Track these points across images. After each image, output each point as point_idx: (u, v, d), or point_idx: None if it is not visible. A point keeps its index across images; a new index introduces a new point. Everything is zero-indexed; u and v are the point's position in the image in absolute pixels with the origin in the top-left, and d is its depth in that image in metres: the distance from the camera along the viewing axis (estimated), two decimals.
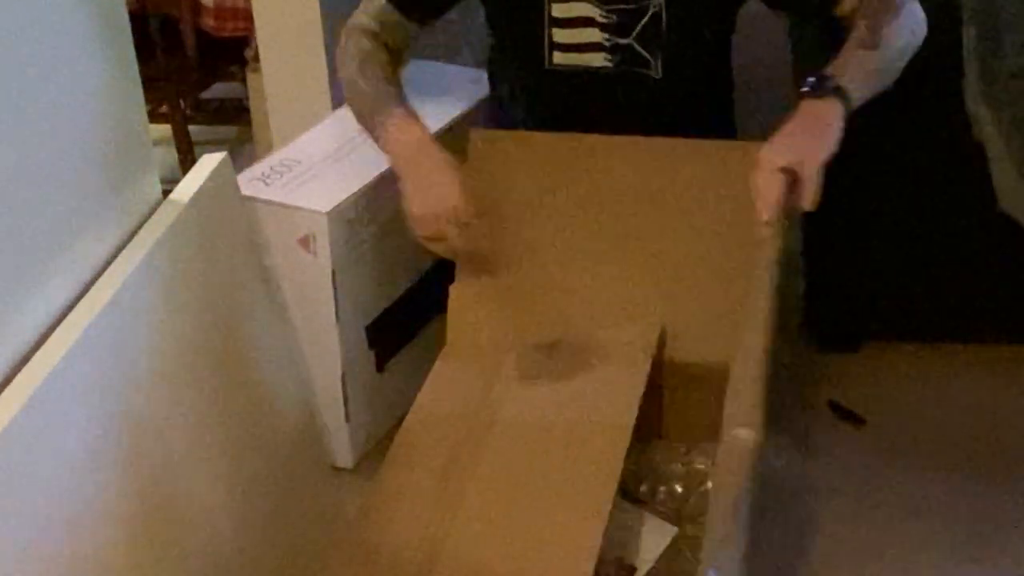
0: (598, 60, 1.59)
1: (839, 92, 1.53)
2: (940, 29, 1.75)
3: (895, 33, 1.53)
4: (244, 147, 3.09)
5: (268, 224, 1.68)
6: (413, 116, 1.57)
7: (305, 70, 2.30)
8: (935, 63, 1.79)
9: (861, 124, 1.94)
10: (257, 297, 1.61)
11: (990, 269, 1.98)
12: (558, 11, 1.56)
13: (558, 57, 1.60)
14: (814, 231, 2.10)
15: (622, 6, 1.52)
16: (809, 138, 1.50)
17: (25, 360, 1.21)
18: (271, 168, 1.78)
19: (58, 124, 1.29)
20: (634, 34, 1.54)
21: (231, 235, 1.58)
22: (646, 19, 1.52)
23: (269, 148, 2.30)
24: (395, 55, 1.62)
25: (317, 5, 2.31)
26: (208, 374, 1.43)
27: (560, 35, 1.58)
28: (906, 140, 1.91)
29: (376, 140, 1.58)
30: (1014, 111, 1.69)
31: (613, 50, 1.56)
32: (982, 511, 1.69)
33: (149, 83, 1.53)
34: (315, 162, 1.79)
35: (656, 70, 1.57)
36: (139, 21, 2.48)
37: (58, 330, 1.25)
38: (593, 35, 1.56)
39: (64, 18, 1.30)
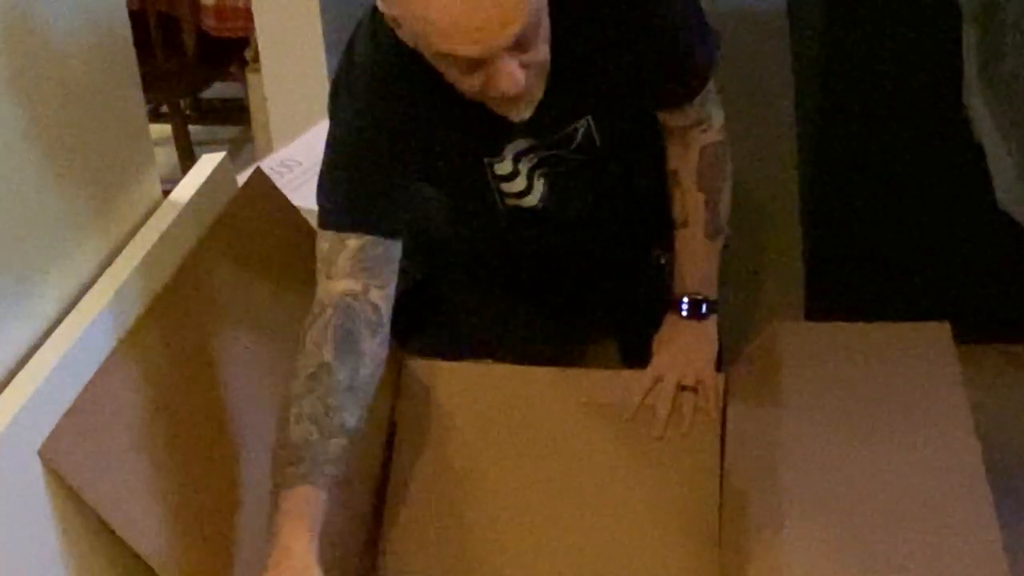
0: (537, 185, 1.55)
1: (714, 307, 1.62)
2: (940, 29, 1.75)
3: (727, 193, 1.61)
4: (244, 147, 3.09)
5: None
6: (306, 518, 1.27)
7: (305, 70, 2.30)
8: (935, 63, 1.80)
9: (860, 125, 1.94)
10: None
11: (990, 269, 1.98)
12: (500, 169, 1.51)
13: (510, 200, 1.57)
14: (815, 232, 2.11)
15: (553, 136, 1.48)
16: (701, 356, 1.59)
17: (26, 359, 1.21)
18: (271, 168, 1.79)
19: (58, 124, 1.29)
20: (567, 149, 1.51)
21: None
22: (580, 136, 1.50)
23: (269, 148, 2.30)
24: (371, 329, 1.39)
25: (317, 5, 2.31)
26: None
27: (507, 186, 1.54)
28: (906, 140, 1.91)
29: (272, 500, 1.30)
30: (1014, 111, 1.69)
31: (542, 163, 1.53)
32: None
33: (149, 83, 1.53)
34: (315, 162, 1.79)
35: (584, 159, 1.55)
36: (139, 21, 2.48)
37: (59, 329, 1.26)
38: (527, 162, 1.52)
39: (64, 18, 1.30)
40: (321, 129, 1.95)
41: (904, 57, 1.83)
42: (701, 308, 1.60)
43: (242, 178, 1.69)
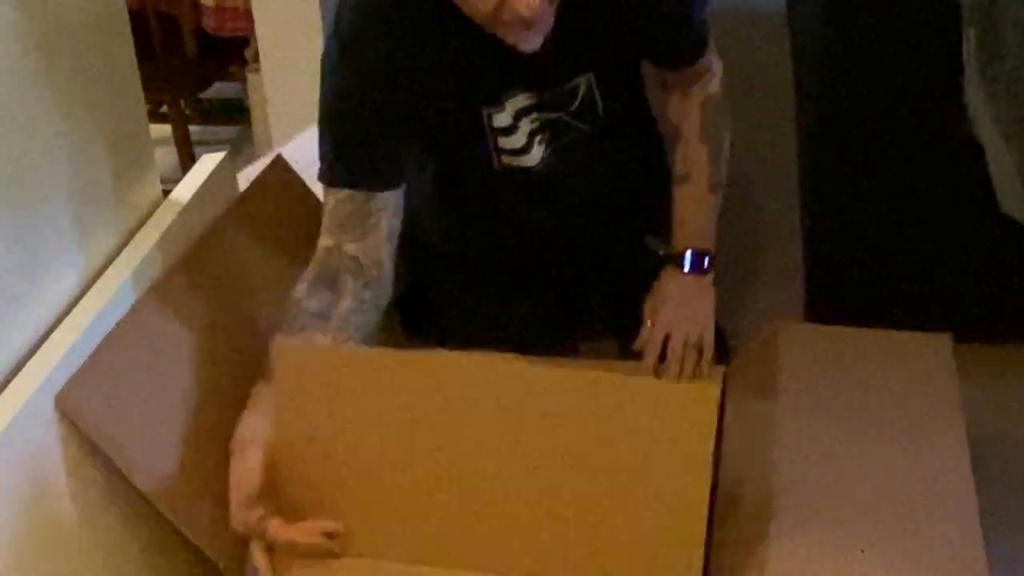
0: (538, 150, 1.54)
1: (714, 263, 1.58)
2: (940, 29, 1.75)
3: (728, 145, 1.60)
4: (244, 147, 3.09)
5: None
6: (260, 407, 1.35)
7: (305, 70, 2.29)
8: (935, 63, 1.80)
9: (860, 125, 1.94)
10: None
11: (990, 269, 1.98)
12: (499, 120, 1.49)
13: (507, 159, 1.54)
14: (815, 233, 2.11)
15: (556, 88, 1.48)
16: (704, 313, 1.55)
17: (27, 359, 1.21)
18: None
19: (58, 124, 1.29)
20: (568, 110, 1.51)
21: None
22: (580, 95, 1.49)
23: (269, 148, 2.30)
24: (356, 269, 1.42)
25: (317, 5, 2.31)
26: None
27: (505, 141, 1.51)
28: (906, 140, 1.91)
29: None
30: (1014, 111, 1.69)
31: (542, 128, 1.52)
32: (981, 509, 1.69)
33: (149, 83, 1.53)
34: (314, 161, 1.79)
35: (588, 129, 1.54)
36: (139, 21, 2.49)
37: (59, 329, 1.26)
38: (527, 124, 1.51)
39: (64, 18, 1.30)
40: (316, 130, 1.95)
41: (904, 57, 1.83)
42: (704, 262, 1.56)
43: (242, 178, 1.69)
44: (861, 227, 2.01)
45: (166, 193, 1.51)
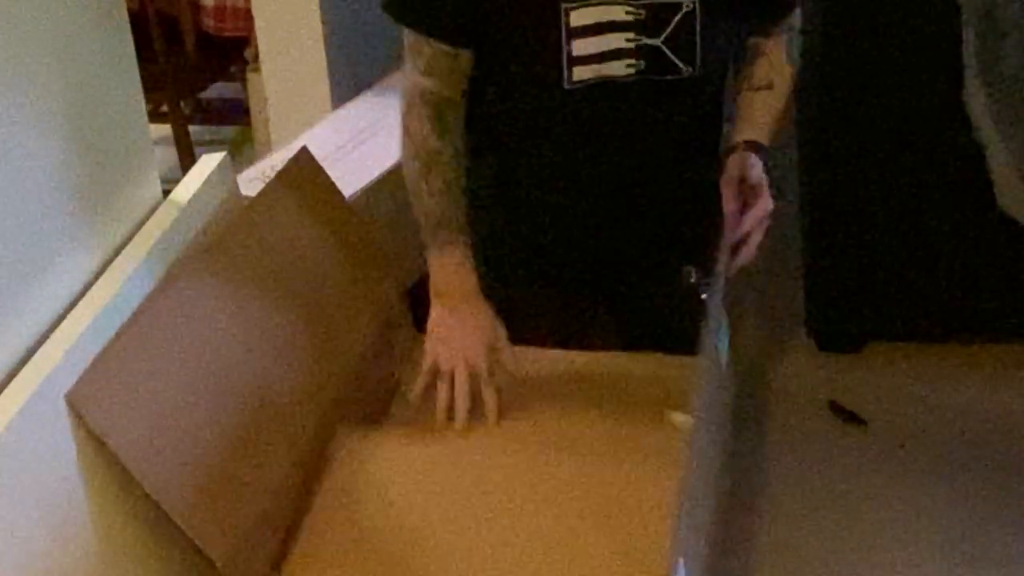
0: (620, 68, 1.48)
1: (761, 148, 1.60)
2: (940, 29, 1.76)
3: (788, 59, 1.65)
4: (244, 147, 3.09)
5: None
6: (466, 260, 1.56)
7: (305, 70, 2.30)
8: (935, 63, 1.80)
9: (860, 126, 1.94)
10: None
11: (990, 269, 1.98)
12: (578, 18, 1.44)
13: (579, 72, 1.47)
14: (815, 232, 2.11)
15: (656, 0, 1.45)
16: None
17: (26, 359, 1.21)
18: (271, 168, 1.78)
19: (58, 124, 1.29)
20: (665, 34, 1.47)
21: None
22: (679, 17, 1.47)
23: (269, 148, 2.30)
24: (455, 109, 1.56)
25: (317, 5, 2.31)
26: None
27: (580, 46, 1.45)
28: (906, 140, 1.91)
29: (426, 252, 1.57)
30: (1014, 112, 1.69)
31: (637, 52, 1.47)
32: (982, 510, 1.69)
33: (149, 83, 1.53)
34: (327, 156, 1.79)
35: (685, 71, 1.52)
36: (139, 21, 2.49)
37: (59, 330, 1.26)
38: (617, 40, 1.46)
39: (64, 18, 1.30)
40: (321, 129, 1.96)
41: (904, 58, 1.83)
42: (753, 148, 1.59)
43: (242, 178, 1.70)
44: (861, 227, 2.02)
45: (166, 193, 1.51)
